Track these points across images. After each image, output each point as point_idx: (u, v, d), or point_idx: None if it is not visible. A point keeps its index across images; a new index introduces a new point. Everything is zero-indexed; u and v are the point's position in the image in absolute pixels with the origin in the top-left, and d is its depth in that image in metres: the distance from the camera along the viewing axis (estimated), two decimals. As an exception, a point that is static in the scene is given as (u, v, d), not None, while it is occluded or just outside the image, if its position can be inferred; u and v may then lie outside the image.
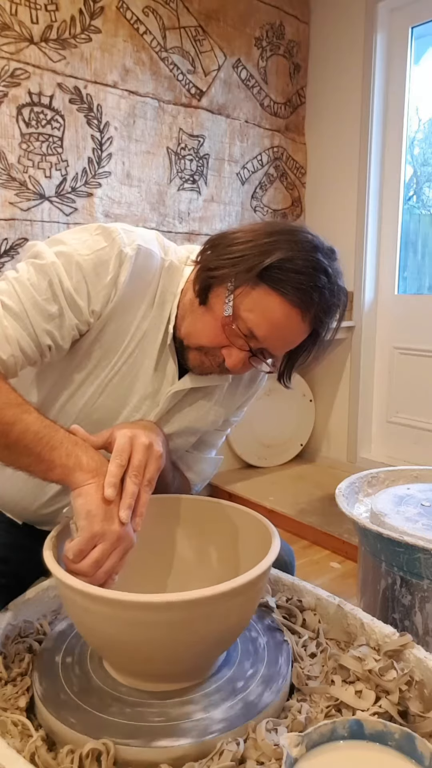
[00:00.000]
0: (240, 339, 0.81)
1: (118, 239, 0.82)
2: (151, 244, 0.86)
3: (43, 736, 0.59)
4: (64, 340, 0.82)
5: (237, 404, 1.03)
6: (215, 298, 0.82)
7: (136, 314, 0.86)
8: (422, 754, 0.54)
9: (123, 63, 2.13)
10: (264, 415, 2.83)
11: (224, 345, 0.83)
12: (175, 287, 0.88)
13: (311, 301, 0.79)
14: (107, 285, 0.82)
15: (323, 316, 0.82)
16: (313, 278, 0.78)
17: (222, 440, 1.08)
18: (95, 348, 0.86)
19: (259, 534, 0.73)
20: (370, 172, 2.60)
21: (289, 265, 0.78)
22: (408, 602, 1.05)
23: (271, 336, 0.81)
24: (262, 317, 0.79)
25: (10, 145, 1.91)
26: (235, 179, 2.58)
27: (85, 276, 0.81)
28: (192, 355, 0.87)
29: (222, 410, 0.99)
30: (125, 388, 0.88)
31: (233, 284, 0.80)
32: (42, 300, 0.79)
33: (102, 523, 0.67)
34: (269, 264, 0.77)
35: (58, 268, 0.80)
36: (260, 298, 0.79)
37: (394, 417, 2.71)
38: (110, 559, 0.68)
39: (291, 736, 0.54)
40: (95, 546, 0.67)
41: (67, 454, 0.71)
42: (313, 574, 1.94)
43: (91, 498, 0.68)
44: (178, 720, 0.60)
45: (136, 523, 0.71)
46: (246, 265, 0.78)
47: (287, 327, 0.81)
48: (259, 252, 0.78)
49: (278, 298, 0.78)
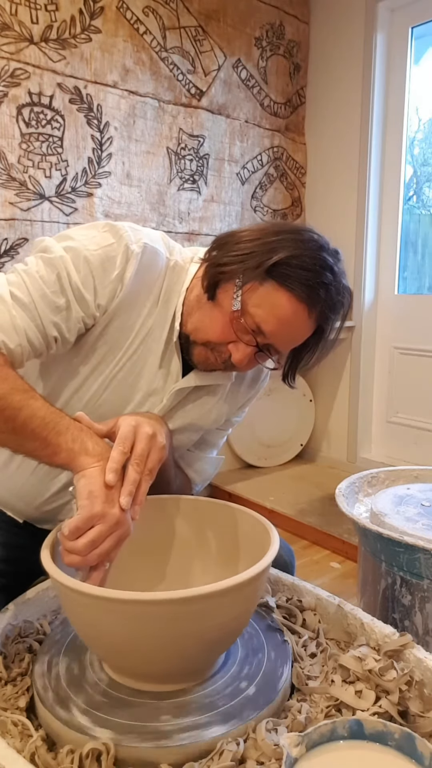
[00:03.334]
0: (247, 334, 0.83)
1: (126, 236, 0.84)
2: (157, 244, 0.88)
3: (43, 736, 0.59)
4: (70, 332, 0.83)
5: (239, 404, 1.04)
6: (223, 294, 0.83)
7: (141, 311, 0.87)
8: (422, 754, 0.54)
9: (123, 63, 2.13)
10: (264, 415, 2.83)
11: (231, 340, 0.84)
12: (180, 286, 0.89)
13: (318, 298, 0.80)
14: (114, 280, 0.83)
15: (329, 312, 0.84)
16: (320, 275, 0.80)
17: (223, 440, 1.08)
18: (100, 343, 0.87)
19: (258, 534, 0.73)
20: (370, 172, 2.60)
21: (296, 262, 0.79)
22: (408, 602, 1.05)
23: (278, 332, 0.82)
24: (269, 313, 0.81)
25: (10, 145, 1.91)
26: (235, 179, 2.58)
27: (92, 270, 0.82)
28: (198, 351, 0.88)
29: (225, 409, 1.00)
30: (129, 385, 0.89)
31: (241, 280, 0.81)
32: (50, 292, 0.81)
33: (103, 505, 0.67)
34: (277, 261, 0.79)
35: (67, 262, 0.81)
36: (268, 294, 0.80)
37: (394, 417, 2.71)
38: (106, 542, 0.67)
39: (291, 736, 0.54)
40: (93, 527, 0.67)
41: (72, 439, 0.72)
42: (313, 574, 1.94)
43: (95, 480, 0.69)
44: (178, 720, 0.60)
45: (135, 511, 0.71)
46: (254, 262, 0.80)
47: (294, 323, 0.82)
48: (267, 249, 0.80)
49: (286, 293, 0.80)
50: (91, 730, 0.58)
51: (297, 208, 2.88)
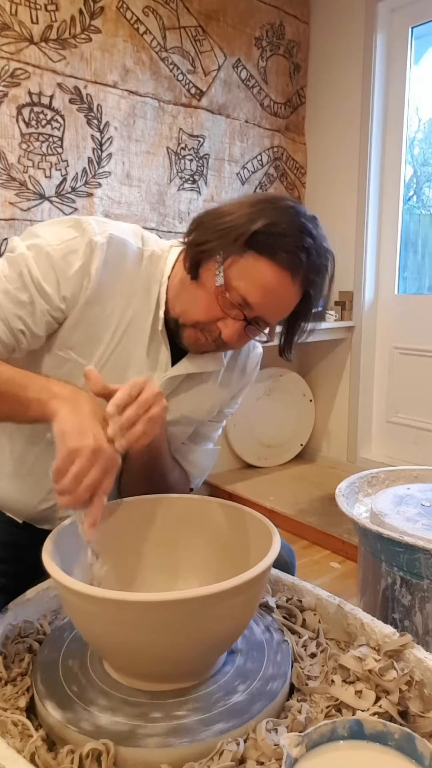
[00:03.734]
0: (234, 309, 0.83)
1: (89, 229, 0.84)
2: (125, 235, 0.88)
3: (43, 736, 0.59)
4: (37, 326, 0.84)
5: (232, 393, 1.03)
6: (206, 273, 0.84)
7: (118, 303, 0.87)
8: (422, 754, 0.54)
9: (123, 63, 2.13)
10: (264, 415, 2.83)
11: (219, 317, 0.84)
12: (160, 274, 0.90)
13: (300, 262, 0.80)
14: (77, 271, 0.83)
15: (313, 276, 0.83)
16: (299, 239, 0.80)
17: (218, 433, 1.08)
18: (77, 335, 0.87)
19: (259, 533, 0.73)
20: (370, 172, 2.60)
21: (274, 230, 0.79)
22: (408, 602, 1.05)
23: (264, 302, 0.82)
24: (253, 283, 0.81)
25: (10, 145, 1.91)
26: (235, 179, 2.58)
27: (53, 264, 0.83)
28: (188, 333, 0.88)
29: (217, 399, 1.00)
30: (116, 378, 0.88)
31: (222, 256, 0.82)
32: (13, 289, 0.83)
33: (77, 440, 0.68)
34: (255, 231, 0.79)
35: (27, 259, 0.83)
36: (249, 265, 0.81)
37: (394, 417, 2.71)
38: (91, 474, 0.68)
39: (291, 736, 0.54)
40: (73, 463, 0.67)
41: (40, 389, 0.74)
42: (313, 574, 1.94)
43: (66, 419, 0.70)
44: (178, 720, 0.60)
45: (121, 445, 0.71)
46: (232, 235, 0.80)
47: (279, 291, 0.82)
48: (244, 221, 0.80)
49: (267, 262, 0.80)
50: (96, 732, 0.58)
51: (297, 208, 2.88)
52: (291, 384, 2.92)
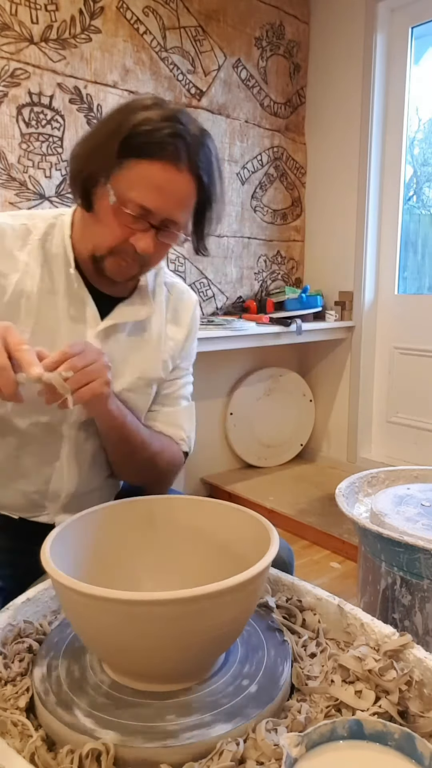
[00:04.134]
0: (138, 221, 0.83)
1: None
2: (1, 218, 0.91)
3: (42, 736, 0.59)
4: None
5: (178, 345, 1.02)
6: (99, 199, 0.84)
7: (12, 279, 0.88)
8: (422, 754, 0.54)
9: (123, 63, 2.13)
10: (264, 415, 2.83)
11: (128, 235, 0.84)
12: (60, 238, 0.91)
13: (177, 149, 0.80)
14: None
15: (196, 158, 0.83)
16: (169, 128, 0.80)
17: (187, 390, 1.07)
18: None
19: (258, 534, 0.73)
20: (370, 172, 2.60)
21: (141, 129, 0.79)
22: (408, 602, 1.05)
23: (161, 201, 0.82)
24: (143, 188, 0.81)
25: (10, 145, 1.91)
26: (235, 179, 2.58)
27: None
28: (108, 264, 0.88)
29: (165, 353, 1.00)
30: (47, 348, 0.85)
31: (105, 176, 0.82)
32: None
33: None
34: (122, 138, 0.79)
35: None
36: (133, 173, 0.81)
37: (394, 417, 2.71)
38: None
39: (291, 736, 0.54)
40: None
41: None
42: (313, 574, 1.94)
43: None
44: (178, 720, 0.60)
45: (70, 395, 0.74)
46: (105, 153, 0.81)
47: (170, 185, 0.82)
48: (108, 135, 0.81)
49: (148, 162, 0.80)
50: (96, 733, 0.58)
51: (297, 208, 2.88)
52: (291, 384, 2.92)
